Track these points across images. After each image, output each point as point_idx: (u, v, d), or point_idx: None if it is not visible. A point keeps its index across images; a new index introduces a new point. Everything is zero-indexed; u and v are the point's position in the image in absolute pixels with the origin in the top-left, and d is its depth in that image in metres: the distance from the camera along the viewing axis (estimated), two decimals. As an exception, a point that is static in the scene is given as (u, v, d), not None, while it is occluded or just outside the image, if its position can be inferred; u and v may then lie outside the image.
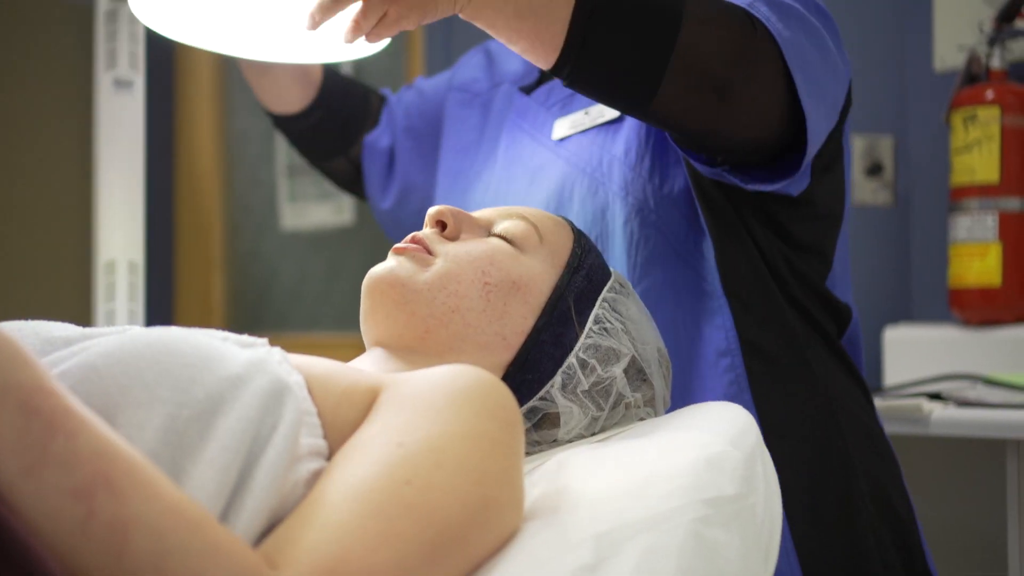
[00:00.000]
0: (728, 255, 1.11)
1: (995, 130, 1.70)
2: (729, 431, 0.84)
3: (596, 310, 0.96)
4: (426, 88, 1.52)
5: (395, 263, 0.93)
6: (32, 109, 2.81)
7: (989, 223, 1.71)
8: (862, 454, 1.12)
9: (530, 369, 0.92)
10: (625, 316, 0.97)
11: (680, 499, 0.74)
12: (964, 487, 1.76)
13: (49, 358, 0.71)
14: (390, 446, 0.69)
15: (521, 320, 0.92)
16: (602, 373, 0.93)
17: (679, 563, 0.70)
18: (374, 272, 0.93)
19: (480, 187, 1.33)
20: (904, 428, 1.47)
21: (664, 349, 1.01)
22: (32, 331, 0.74)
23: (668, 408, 1.01)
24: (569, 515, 0.74)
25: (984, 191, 1.72)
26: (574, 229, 1.01)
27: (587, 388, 0.93)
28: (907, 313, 1.97)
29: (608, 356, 0.94)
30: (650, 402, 0.97)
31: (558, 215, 1.03)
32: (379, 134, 1.51)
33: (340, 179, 1.57)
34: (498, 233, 0.96)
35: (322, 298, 2.96)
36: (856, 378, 1.18)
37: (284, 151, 2.94)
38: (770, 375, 1.10)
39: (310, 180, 2.88)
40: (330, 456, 0.72)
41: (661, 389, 0.99)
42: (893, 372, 1.77)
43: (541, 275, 0.94)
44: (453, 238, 0.95)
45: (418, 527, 0.65)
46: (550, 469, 0.83)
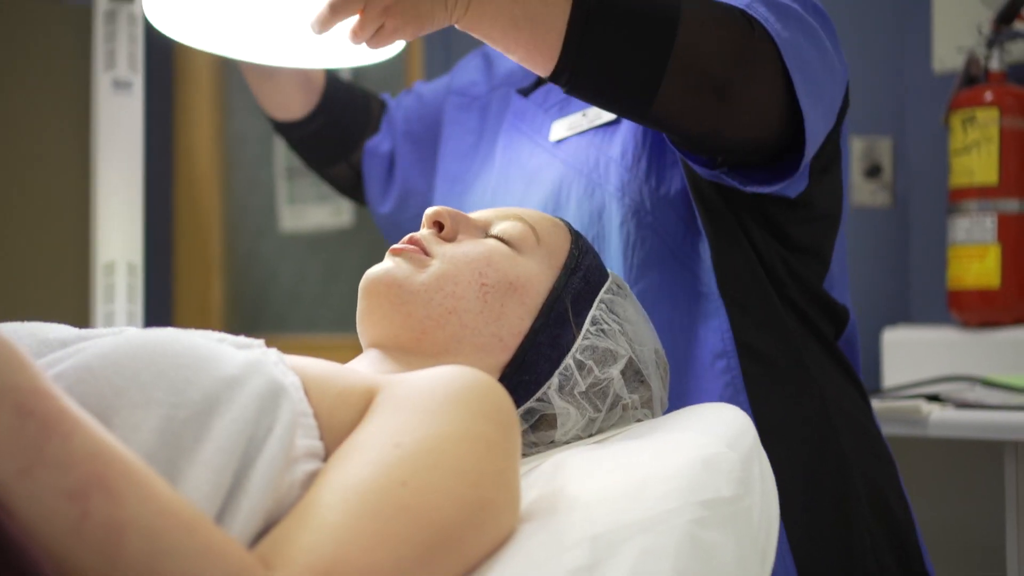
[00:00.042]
0: (725, 257, 1.11)
1: (994, 132, 1.70)
2: (726, 433, 0.84)
3: (593, 311, 0.95)
4: (425, 93, 1.52)
5: (392, 264, 0.93)
6: (31, 110, 2.81)
7: (988, 225, 1.71)
8: (859, 456, 1.12)
9: (527, 370, 0.92)
10: (622, 317, 0.97)
11: (676, 500, 0.74)
12: (962, 489, 1.76)
13: (45, 359, 0.70)
14: (386, 447, 0.69)
15: (518, 321, 0.92)
16: (599, 374, 0.93)
17: (675, 565, 0.69)
18: (371, 273, 0.93)
19: (478, 189, 1.33)
20: (903, 430, 1.47)
21: (661, 350, 1.01)
22: (28, 332, 0.74)
23: (665, 409, 1.01)
24: (565, 516, 0.73)
25: (983, 193, 1.72)
26: (571, 230, 1.01)
27: (584, 389, 0.93)
28: (906, 315, 1.97)
29: (605, 357, 0.94)
30: (647, 403, 0.97)
31: (555, 216, 1.03)
32: (380, 140, 1.51)
33: (341, 184, 1.57)
34: (495, 234, 0.96)
35: (321, 300, 2.96)
36: (853, 380, 1.18)
37: (283, 153, 2.94)
38: (766, 377, 1.09)
39: (309, 182, 2.88)
40: (326, 457, 0.72)
41: (658, 390, 0.98)
42: (892, 373, 1.77)
43: (538, 276, 0.94)
44: (450, 239, 0.95)
45: (414, 528, 0.65)
46: (547, 471, 0.83)
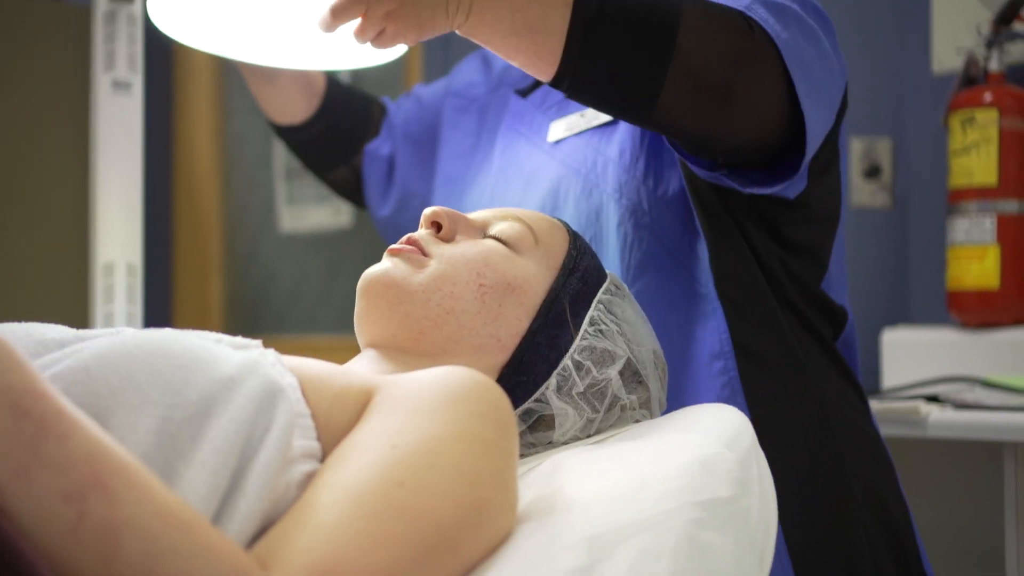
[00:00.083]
0: (723, 258, 1.11)
1: (993, 132, 1.70)
2: (724, 433, 0.84)
3: (591, 312, 0.95)
4: (424, 95, 1.52)
5: (390, 264, 0.93)
6: (30, 110, 2.81)
7: (987, 225, 1.71)
8: (856, 457, 1.12)
9: (525, 371, 0.92)
10: (620, 318, 0.97)
11: (674, 501, 0.74)
12: (961, 489, 1.76)
13: (42, 360, 0.70)
14: (383, 448, 0.69)
15: (516, 322, 0.92)
16: (597, 375, 0.93)
17: (672, 565, 0.69)
18: (369, 273, 0.93)
19: (476, 190, 1.33)
20: (901, 430, 1.47)
21: (660, 351, 1.01)
22: (25, 333, 0.74)
23: (664, 410, 1.00)
24: (562, 517, 0.73)
25: (982, 193, 1.72)
26: (570, 231, 1.01)
27: (582, 390, 0.93)
28: (905, 315, 1.97)
29: (603, 358, 0.94)
30: (646, 404, 0.97)
31: (553, 217, 1.03)
32: (380, 143, 1.51)
33: (341, 188, 1.57)
34: (493, 235, 0.96)
35: (320, 300, 2.96)
36: (851, 380, 1.17)
37: (282, 153, 2.94)
38: (763, 378, 1.09)
39: (308, 183, 2.88)
40: (324, 458, 0.72)
41: (657, 391, 0.98)
42: (891, 374, 1.77)
43: (536, 277, 0.94)
44: (448, 239, 0.95)
45: (411, 529, 0.65)
46: (544, 471, 0.83)
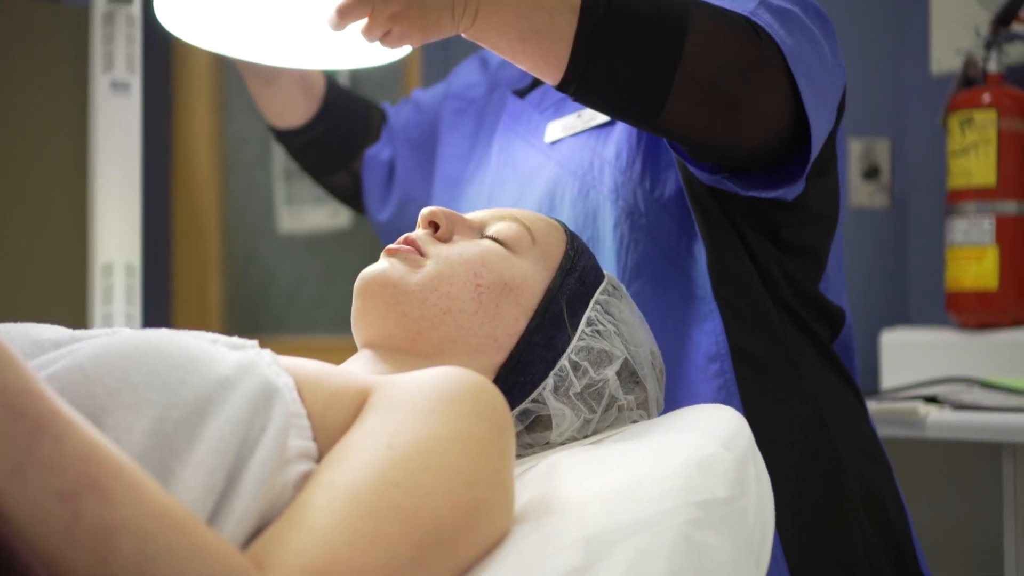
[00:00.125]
0: (720, 260, 1.10)
1: (992, 133, 1.70)
2: (721, 433, 0.84)
3: (589, 312, 0.95)
4: (423, 99, 1.52)
5: (387, 264, 0.93)
6: (28, 111, 2.80)
7: (986, 226, 1.70)
8: (853, 458, 1.11)
9: (522, 371, 0.92)
10: (618, 318, 0.97)
11: (671, 501, 0.74)
12: (960, 490, 1.75)
13: (38, 360, 0.70)
14: (379, 448, 0.69)
15: (513, 322, 0.92)
16: (594, 375, 0.93)
17: (669, 566, 0.69)
18: (366, 273, 0.93)
19: (473, 190, 1.33)
20: (900, 431, 1.47)
21: (657, 351, 1.01)
22: (21, 333, 0.74)
23: (661, 411, 1.00)
24: (559, 517, 0.73)
25: (981, 194, 1.71)
26: (567, 231, 1.00)
27: (579, 390, 0.93)
28: (904, 316, 1.97)
29: (601, 358, 0.94)
30: (643, 404, 0.97)
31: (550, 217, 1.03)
32: (380, 148, 1.51)
33: (341, 193, 1.57)
34: (491, 235, 0.96)
35: (319, 301, 2.95)
36: (848, 382, 1.17)
37: (281, 154, 2.94)
38: (759, 380, 1.09)
39: (307, 184, 2.88)
40: (320, 458, 0.72)
41: (654, 391, 0.98)
42: (890, 375, 1.77)
43: (533, 277, 0.94)
44: (446, 239, 0.95)
45: (407, 529, 0.65)
46: (541, 472, 0.83)
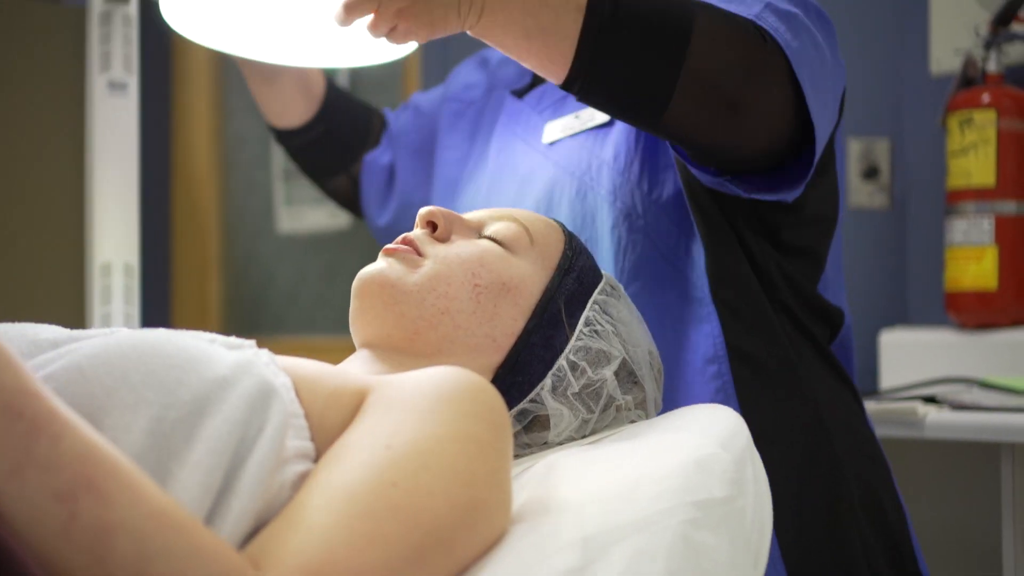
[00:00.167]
0: (719, 261, 1.10)
1: (991, 133, 1.70)
2: (719, 433, 0.84)
3: (587, 312, 0.95)
4: (422, 104, 1.52)
5: (385, 264, 0.93)
6: (26, 111, 2.81)
7: (985, 226, 1.70)
8: (851, 460, 1.11)
9: (520, 371, 0.92)
10: (616, 318, 0.97)
11: (668, 501, 0.74)
12: (959, 490, 1.75)
13: (35, 360, 0.70)
14: (377, 448, 0.69)
15: (511, 322, 0.92)
16: (592, 375, 0.93)
17: (667, 566, 0.69)
18: (364, 273, 0.93)
19: (471, 191, 1.33)
20: (899, 431, 1.47)
21: (656, 351, 1.01)
22: (19, 333, 0.74)
23: (659, 411, 1.00)
24: (557, 517, 0.73)
25: (980, 194, 1.71)
26: (565, 231, 1.00)
27: (577, 391, 0.92)
28: (903, 316, 1.97)
29: (599, 358, 0.94)
30: (641, 404, 0.97)
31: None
32: (380, 152, 1.52)
33: (340, 197, 1.58)
34: (489, 235, 0.96)
35: (319, 301, 2.95)
36: (846, 382, 1.17)
37: (281, 155, 2.94)
38: (757, 382, 1.09)
39: (307, 184, 2.86)
40: (317, 458, 0.72)
41: (652, 391, 0.98)
42: (889, 375, 1.77)
43: (531, 277, 0.94)
44: (444, 239, 0.95)
45: (404, 529, 0.65)
46: (539, 472, 0.82)
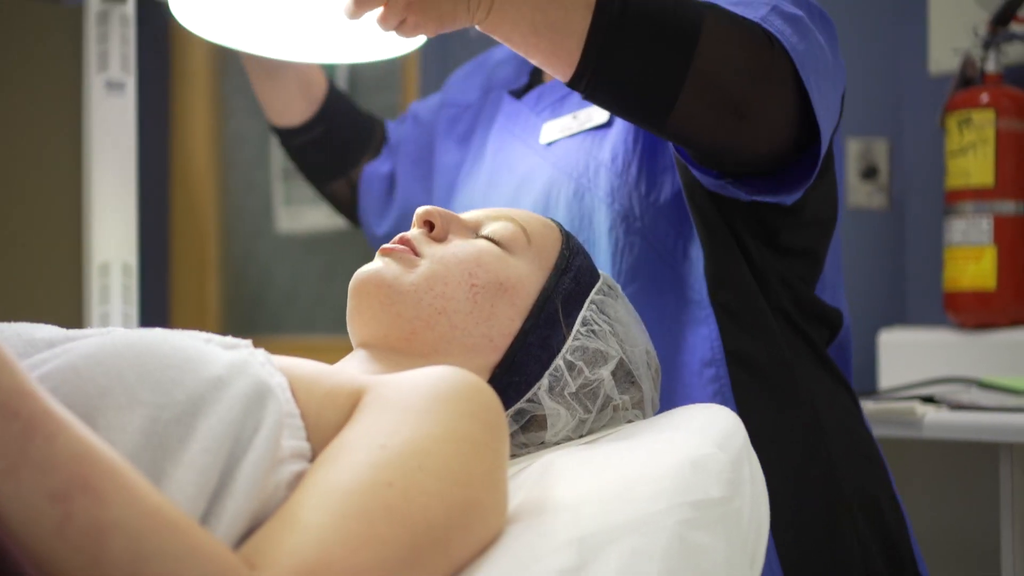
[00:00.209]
0: (717, 264, 1.10)
1: (990, 133, 1.70)
2: (716, 433, 0.84)
3: (584, 312, 0.95)
4: (421, 112, 1.53)
5: (381, 264, 0.93)
6: (24, 111, 2.81)
7: (984, 226, 1.70)
8: (849, 461, 1.11)
9: (517, 371, 0.92)
10: (613, 318, 0.96)
11: (665, 502, 0.74)
12: (957, 490, 1.75)
13: (31, 360, 0.70)
14: (372, 448, 0.69)
15: (508, 322, 0.92)
16: (589, 375, 0.93)
17: (663, 566, 0.69)
18: (360, 273, 0.93)
19: (468, 190, 1.33)
20: (897, 431, 1.47)
21: (653, 351, 1.01)
22: (14, 333, 0.74)
23: (657, 411, 1.00)
24: (553, 518, 0.73)
25: (979, 194, 1.71)
26: (562, 231, 1.00)
27: (574, 390, 0.92)
28: (902, 316, 1.97)
29: (596, 358, 0.94)
30: (638, 404, 0.97)
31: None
32: (380, 162, 1.52)
33: (339, 202, 1.58)
34: (486, 235, 0.96)
35: (317, 301, 2.95)
36: (843, 383, 1.17)
37: (280, 154, 2.94)
38: (755, 384, 1.09)
39: (305, 184, 2.88)
40: (313, 458, 0.72)
41: (650, 391, 0.98)
42: (888, 375, 1.77)
43: (528, 277, 0.94)
44: (441, 239, 0.95)
45: (400, 529, 0.65)
46: (535, 472, 0.82)
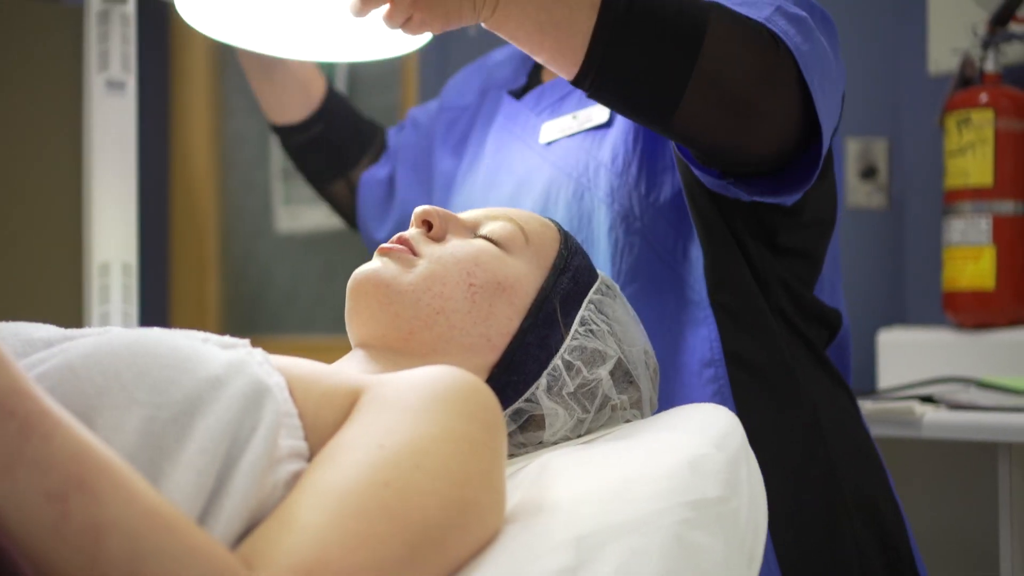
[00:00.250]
0: (718, 264, 1.10)
1: (989, 133, 1.70)
2: (713, 433, 0.84)
3: (582, 312, 0.95)
4: (420, 118, 1.53)
5: (380, 264, 0.93)
6: (24, 110, 2.81)
7: (983, 226, 1.70)
8: (847, 462, 1.11)
9: (515, 371, 0.92)
10: (611, 318, 0.96)
11: (662, 502, 0.74)
12: (956, 490, 1.75)
13: (29, 360, 0.70)
14: (370, 448, 0.69)
15: (506, 321, 0.92)
16: (588, 375, 0.93)
17: (660, 566, 0.69)
18: (359, 273, 0.93)
19: (467, 190, 1.33)
20: (896, 431, 1.47)
21: (651, 351, 1.01)
22: (12, 333, 0.74)
23: (655, 410, 1.00)
24: (550, 517, 0.73)
25: (978, 194, 1.71)
26: (561, 230, 1.00)
27: (572, 390, 0.92)
28: (901, 316, 1.97)
29: (594, 358, 0.94)
30: (636, 404, 0.97)
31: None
32: (379, 167, 1.53)
33: (339, 205, 1.58)
34: (484, 235, 0.96)
35: (317, 301, 2.95)
36: (841, 384, 1.17)
37: (279, 154, 2.94)
38: (754, 385, 1.08)
39: (306, 184, 2.88)
40: (311, 458, 0.72)
41: (648, 391, 0.98)
42: (887, 375, 1.77)
43: (527, 276, 0.94)
44: (439, 239, 0.95)
45: (397, 529, 0.65)
46: (533, 471, 0.82)
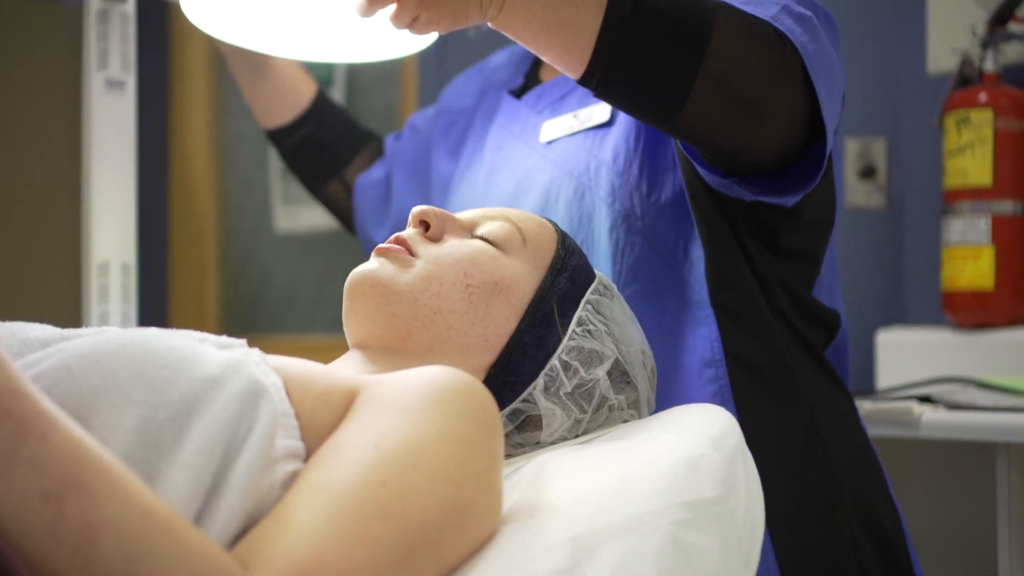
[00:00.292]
0: (718, 264, 1.10)
1: (988, 133, 1.70)
2: (710, 433, 0.84)
3: (579, 312, 0.95)
4: (418, 122, 1.53)
5: (377, 264, 0.93)
6: (24, 110, 2.81)
7: (982, 226, 1.70)
8: (846, 464, 1.11)
9: (512, 371, 0.92)
10: (609, 318, 0.96)
11: (659, 502, 0.74)
12: (954, 490, 1.75)
13: (25, 360, 0.70)
14: (367, 448, 0.69)
15: (503, 322, 0.92)
16: (585, 375, 0.93)
17: (657, 567, 0.69)
18: (356, 273, 0.93)
19: (466, 190, 1.33)
20: (894, 431, 1.47)
21: (649, 351, 1.01)
22: (9, 333, 0.74)
23: (652, 411, 1.00)
24: (547, 518, 0.73)
25: (977, 194, 1.71)
26: (558, 231, 1.00)
27: (570, 390, 0.92)
28: (900, 316, 1.97)
29: (591, 358, 0.94)
30: (634, 404, 0.97)
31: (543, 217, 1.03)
32: (375, 170, 1.53)
33: (336, 206, 1.58)
34: (481, 235, 0.96)
35: (316, 300, 2.95)
36: (840, 386, 1.17)
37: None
38: (754, 385, 1.08)
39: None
40: (307, 458, 0.72)
41: (645, 391, 0.98)
42: (885, 375, 1.77)
43: (524, 277, 0.94)
44: (436, 239, 0.95)
45: (393, 529, 0.65)
46: (530, 472, 0.82)
